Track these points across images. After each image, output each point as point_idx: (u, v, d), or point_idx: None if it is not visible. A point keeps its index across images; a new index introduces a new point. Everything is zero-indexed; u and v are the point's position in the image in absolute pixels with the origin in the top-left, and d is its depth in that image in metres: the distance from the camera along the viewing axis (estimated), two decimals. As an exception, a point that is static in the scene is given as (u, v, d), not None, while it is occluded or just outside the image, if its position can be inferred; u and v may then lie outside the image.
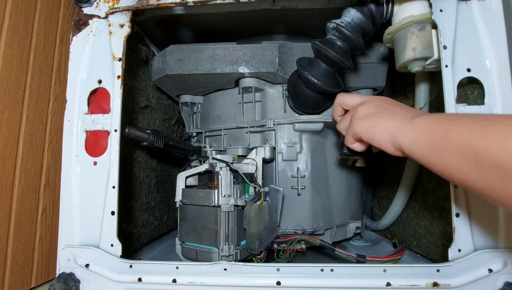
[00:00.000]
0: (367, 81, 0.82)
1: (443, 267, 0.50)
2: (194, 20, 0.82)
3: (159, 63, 0.77)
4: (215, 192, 0.62)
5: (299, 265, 0.54)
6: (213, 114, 0.86)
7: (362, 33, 0.61)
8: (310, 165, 0.76)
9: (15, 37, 0.61)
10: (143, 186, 0.83)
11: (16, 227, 0.61)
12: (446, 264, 0.50)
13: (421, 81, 0.67)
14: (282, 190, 0.70)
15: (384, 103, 0.48)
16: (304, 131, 0.76)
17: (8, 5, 0.59)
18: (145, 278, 0.54)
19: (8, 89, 0.59)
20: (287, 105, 0.76)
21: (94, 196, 0.58)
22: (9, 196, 0.60)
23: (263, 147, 0.73)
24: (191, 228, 0.66)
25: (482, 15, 0.55)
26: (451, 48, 0.54)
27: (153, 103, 0.88)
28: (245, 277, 0.53)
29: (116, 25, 0.61)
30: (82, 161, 0.59)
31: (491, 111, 0.53)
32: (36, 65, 0.66)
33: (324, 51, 0.60)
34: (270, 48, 0.72)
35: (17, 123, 0.62)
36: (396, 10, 0.59)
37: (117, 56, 0.60)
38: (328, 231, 0.79)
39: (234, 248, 0.62)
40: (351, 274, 0.52)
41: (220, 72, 0.73)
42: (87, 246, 0.57)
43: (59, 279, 0.54)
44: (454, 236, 0.51)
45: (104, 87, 0.60)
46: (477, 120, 0.35)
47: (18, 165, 0.62)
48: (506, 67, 0.54)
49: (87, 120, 0.60)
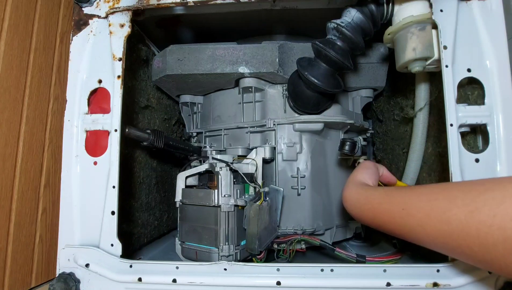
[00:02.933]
0: (367, 81, 0.82)
1: (443, 267, 0.50)
2: (194, 20, 0.82)
3: (159, 63, 0.77)
4: (215, 192, 0.62)
5: (299, 265, 0.54)
6: (213, 114, 0.86)
7: (363, 33, 0.61)
8: (310, 165, 0.76)
9: (15, 37, 0.61)
10: (143, 186, 0.83)
11: (16, 227, 0.61)
12: (446, 264, 0.50)
13: (421, 81, 0.67)
14: (282, 190, 0.70)
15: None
16: (304, 131, 0.76)
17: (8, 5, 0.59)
18: (145, 278, 0.54)
19: (8, 89, 0.59)
20: (287, 105, 0.76)
21: (94, 196, 0.58)
22: (9, 196, 0.60)
23: (263, 147, 0.73)
24: (191, 228, 0.66)
25: (482, 15, 0.55)
26: (452, 48, 0.54)
27: (153, 103, 0.88)
28: (245, 277, 0.53)
29: (116, 25, 0.61)
30: (82, 161, 0.59)
31: (491, 111, 0.53)
32: (36, 65, 0.66)
33: (324, 51, 0.60)
34: (270, 48, 0.72)
35: (17, 123, 0.62)
36: (397, 10, 0.59)
37: (117, 56, 0.60)
38: (328, 231, 0.79)
39: (234, 248, 0.62)
40: (351, 274, 0.52)
41: (220, 72, 0.73)
42: (87, 246, 0.57)
43: (59, 279, 0.54)
44: (454, 236, 0.51)
45: (104, 87, 0.60)
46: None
47: (18, 165, 0.62)
48: (506, 67, 0.54)
49: (87, 120, 0.60)
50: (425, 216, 0.37)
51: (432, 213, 0.36)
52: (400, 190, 0.44)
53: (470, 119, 0.53)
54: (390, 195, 0.44)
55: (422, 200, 0.39)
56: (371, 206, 0.46)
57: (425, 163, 0.72)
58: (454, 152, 0.52)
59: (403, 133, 0.84)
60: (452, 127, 0.53)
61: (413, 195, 0.40)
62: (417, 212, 0.38)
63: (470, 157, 0.53)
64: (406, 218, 0.40)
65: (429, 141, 0.70)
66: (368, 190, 0.49)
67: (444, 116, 0.53)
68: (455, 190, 0.36)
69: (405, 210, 0.40)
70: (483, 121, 0.53)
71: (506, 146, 0.52)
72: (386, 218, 0.43)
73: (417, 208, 0.39)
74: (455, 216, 0.34)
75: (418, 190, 0.41)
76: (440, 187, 0.39)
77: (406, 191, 0.42)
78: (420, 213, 0.38)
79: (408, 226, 0.40)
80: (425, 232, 0.38)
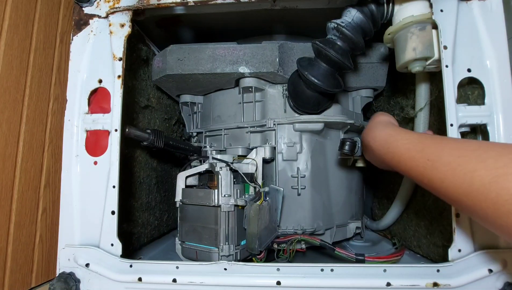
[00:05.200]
0: (367, 81, 0.82)
1: (443, 267, 0.50)
2: (194, 20, 0.82)
3: (159, 63, 0.77)
4: (215, 192, 0.62)
5: (299, 265, 0.54)
6: (213, 114, 0.86)
7: (363, 33, 0.61)
8: (310, 165, 0.76)
9: (15, 37, 0.61)
10: (143, 185, 0.83)
11: (16, 227, 0.61)
12: (446, 264, 0.50)
13: (421, 81, 0.67)
14: (282, 190, 0.70)
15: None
16: (304, 131, 0.76)
17: (8, 5, 0.59)
18: (145, 278, 0.54)
19: (8, 89, 0.59)
20: (287, 105, 0.76)
21: (94, 196, 0.58)
22: (9, 196, 0.60)
23: (263, 147, 0.73)
24: (191, 228, 0.66)
25: (482, 15, 0.55)
26: (452, 48, 0.54)
27: (154, 103, 0.88)
28: (245, 277, 0.53)
29: (116, 25, 0.61)
30: (82, 160, 0.59)
31: (491, 111, 0.53)
32: (36, 65, 0.66)
33: (325, 51, 0.60)
34: (270, 48, 0.72)
35: (17, 123, 0.62)
36: (397, 10, 0.59)
37: (118, 55, 0.60)
38: (328, 231, 0.79)
39: (234, 248, 0.62)
40: (351, 274, 0.52)
41: (221, 72, 0.73)
42: (87, 245, 0.57)
43: (59, 278, 0.54)
44: (454, 236, 0.51)
45: (105, 86, 0.60)
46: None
47: (18, 165, 0.62)
48: (506, 67, 0.54)
49: (87, 120, 0.60)
50: (450, 170, 0.37)
51: (457, 170, 0.36)
52: (433, 139, 0.42)
53: (470, 119, 0.53)
54: (422, 142, 0.42)
55: (452, 155, 0.37)
56: (398, 150, 0.45)
57: (425, 163, 0.72)
58: (454, 152, 0.52)
59: (403, 133, 0.83)
60: (452, 127, 0.53)
61: (444, 148, 0.39)
62: (442, 165, 0.38)
63: (470, 157, 0.52)
64: (429, 170, 0.39)
65: (429, 141, 0.70)
66: (400, 132, 0.47)
67: (444, 116, 0.53)
68: (490, 150, 0.35)
69: (430, 161, 0.39)
70: (483, 121, 0.53)
71: (506, 146, 0.52)
72: (410, 164, 0.42)
73: (443, 162, 0.38)
74: (479, 177, 0.34)
75: (451, 143, 0.40)
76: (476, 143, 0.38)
77: (439, 142, 0.41)
78: (446, 167, 0.37)
79: (429, 177, 0.39)
80: (445, 187, 0.37)
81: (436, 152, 0.40)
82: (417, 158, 0.41)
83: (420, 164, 0.41)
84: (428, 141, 0.42)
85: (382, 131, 0.50)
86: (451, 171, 0.37)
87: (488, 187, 0.33)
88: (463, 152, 0.37)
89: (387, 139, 0.47)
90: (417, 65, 0.56)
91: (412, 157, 0.42)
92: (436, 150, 0.40)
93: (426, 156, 0.40)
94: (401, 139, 0.46)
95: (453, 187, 0.36)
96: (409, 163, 0.43)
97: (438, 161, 0.38)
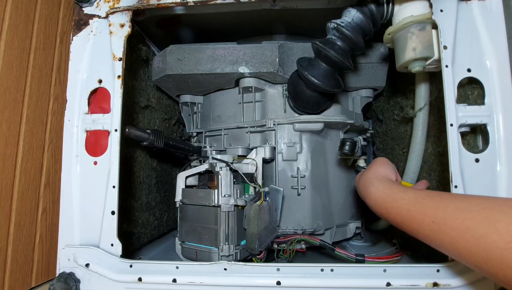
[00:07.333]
0: (367, 81, 0.82)
1: (443, 267, 0.50)
2: (194, 20, 0.82)
3: (159, 63, 0.77)
4: (215, 192, 0.62)
5: (299, 265, 0.54)
6: (213, 114, 0.86)
7: (363, 33, 0.61)
8: (310, 165, 0.76)
9: (15, 37, 0.61)
10: (143, 186, 0.83)
11: (16, 227, 0.61)
12: (446, 264, 0.50)
13: (421, 81, 0.67)
14: (282, 190, 0.70)
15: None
16: (304, 131, 0.76)
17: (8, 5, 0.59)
18: (145, 278, 0.54)
19: (8, 89, 0.59)
20: (287, 105, 0.76)
21: (94, 196, 0.58)
22: (9, 196, 0.60)
23: (263, 147, 0.73)
24: (191, 228, 0.66)
25: (482, 15, 0.55)
26: (451, 48, 0.54)
27: (153, 103, 0.88)
28: (245, 277, 0.53)
29: (116, 25, 0.61)
30: (82, 161, 0.59)
31: (491, 111, 0.53)
32: (36, 65, 0.66)
33: (324, 51, 0.60)
34: (270, 48, 0.72)
35: (17, 123, 0.62)
36: (397, 10, 0.59)
37: (118, 56, 0.60)
38: (328, 231, 0.79)
39: (234, 248, 0.62)
40: (351, 274, 0.52)
41: (220, 72, 0.73)
42: (87, 245, 0.57)
43: (59, 278, 0.54)
44: (454, 236, 0.51)
45: (105, 87, 0.60)
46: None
47: (18, 165, 0.62)
48: (506, 67, 0.54)
49: (87, 120, 0.60)
50: (459, 235, 0.35)
51: (467, 235, 0.34)
52: (432, 198, 0.40)
53: (470, 119, 0.53)
54: (420, 203, 0.41)
55: (457, 217, 0.36)
56: (399, 211, 0.43)
57: (425, 163, 0.72)
58: (454, 152, 0.52)
59: (403, 133, 0.84)
60: (452, 127, 0.53)
61: (447, 209, 0.38)
62: (450, 229, 0.36)
63: (470, 157, 0.53)
64: (436, 233, 0.38)
65: (429, 141, 0.70)
66: (397, 191, 0.45)
67: (444, 116, 0.53)
68: (497, 211, 0.33)
69: (436, 224, 0.38)
70: (483, 121, 0.53)
71: (506, 146, 0.52)
72: (414, 226, 0.41)
73: (450, 226, 0.36)
74: (494, 243, 0.32)
75: (453, 203, 0.38)
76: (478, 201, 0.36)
77: (439, 201, 0.39)
78: (454, 231, 0.36)
79: (439, 240, 0.38)
80: (458, 252, 0.36)
81: (439, 213, 0.38)
82: (419, 220, 0.40)
83: (425, 227, 0.39)
84: (427, 200, 0.41)
85: (377, 190, 0.48)
86: (461, 235, 0.35)
87: (506, 253, 0.31)
88: (468, 214, 0.35)
89: (385, 199, 0.46)
90: (417, 65, 0.56)
91: (414, 218, 0.41)
92: (437, 212, 0.38)
93: (429, 218, 0.39)
94: (400, 199, 0.44)
95: (469, 253, 0.35)
96: (413, 225, 0.41)
97: (445, 224, 0.37)
